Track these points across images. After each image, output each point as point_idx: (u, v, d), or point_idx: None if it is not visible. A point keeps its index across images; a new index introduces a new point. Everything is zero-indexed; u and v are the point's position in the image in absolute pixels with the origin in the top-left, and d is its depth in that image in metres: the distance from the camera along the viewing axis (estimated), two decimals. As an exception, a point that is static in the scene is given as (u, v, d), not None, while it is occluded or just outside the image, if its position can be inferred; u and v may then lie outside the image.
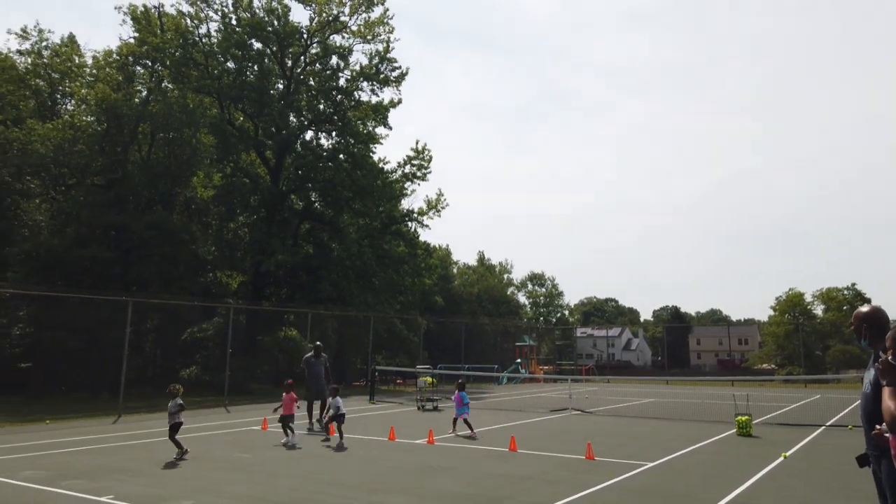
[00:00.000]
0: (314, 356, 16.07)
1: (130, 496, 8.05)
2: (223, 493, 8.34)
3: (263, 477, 9.45)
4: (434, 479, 9.32)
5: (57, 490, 8.43)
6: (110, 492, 8.27)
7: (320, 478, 9.40)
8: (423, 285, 39.73)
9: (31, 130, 28.40)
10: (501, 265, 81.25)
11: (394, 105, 36.03)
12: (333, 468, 10.20)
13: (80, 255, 27.76)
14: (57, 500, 7.97)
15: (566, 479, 9.39)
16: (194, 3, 32.31)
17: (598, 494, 8.40)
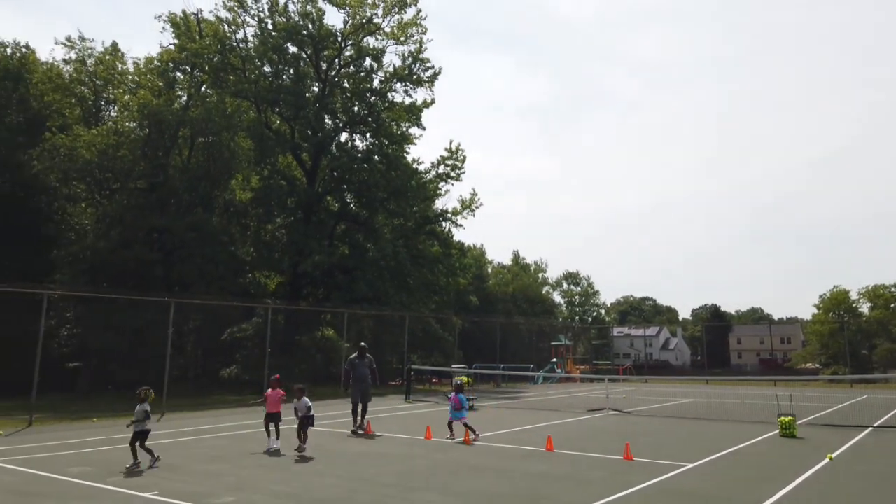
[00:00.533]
0: (358, 356, 15.32)
1: (174, 493, 8.24)
2: (263, 490, 8.49)
3: (302, 475, 9.59)
4: (470, 479, 9.34)
5: (104, 486, 8.68)
6: (155, 488, 8.49)
7: (357, 476, 9.49)
8: (457, 285, 39.78)
9: (77, 137, 29.28)
10: (536, 264, 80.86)
11: (427, 105, 36.15)
12: (370, 467, 10.29)
13: (124, 257, 28.54)
14: (104, 495, 8.21)
15: (604, 479, 9.32)
16: (232, 8, 32.92)
17: (638, 495, 8.31)
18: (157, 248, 29.96)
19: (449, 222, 36.75)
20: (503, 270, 72.23)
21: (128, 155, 29.66)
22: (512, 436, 14.14)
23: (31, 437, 13.62)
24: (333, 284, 34.21)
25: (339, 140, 35.78)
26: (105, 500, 7.96)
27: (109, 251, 28.99)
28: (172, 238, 29.75)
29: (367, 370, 15.17)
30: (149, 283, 28.83)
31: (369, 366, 15.30)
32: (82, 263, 30.06)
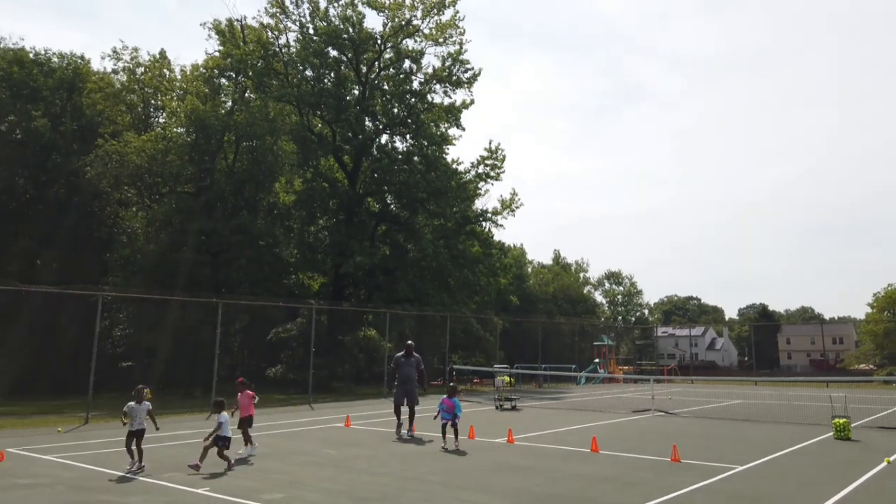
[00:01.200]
0: (404, 355, 14.55)
1: (225, 489, 8.45)
2: (312, 487, 8.64)
3: (349, 473, 9.72)
4: (515, 479, 9.33)
5: (158, 482, 8.96)
6: (207, 484, 8.72)
7: (404, 474, 9.58)
8: (498, 285, 39.71)
9: (128, 143, 30.24)
10: (577, 264, 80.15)
11: (466, 106, 36.20)
12: (416, 466, 10.37)
13: (173, 259, 29.37)
14: (159, 491, 8.48)
15: (651, 480, 9.20)
16: (274, 14, 33.53)
17: (686, 497, 8.18)
18: (205, 251, 30.71)
19: (489, 222, 36.73)
20: (544, 270, 71.79)
21: (176, 160, 30.48)
22: (555, 436, 14.07)
23: (87, 434, 14.13)
24: (375, 285, 34.54)
25: (380, 142, 36.13)
26: (160, 495, 8.21)
27: (159, 254, 29.88)
28: (219, 240, 30.45)
29: (413, 370, 14.37)
30: (197, 284, 29.58)
31: (416, 366, 14.46)
32: (134, 266, 31.05)
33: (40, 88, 32.27)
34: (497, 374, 23.55)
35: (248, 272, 31.79)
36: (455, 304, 35.49)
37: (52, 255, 33.31)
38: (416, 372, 14.39)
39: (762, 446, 12.69)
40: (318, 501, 7.89)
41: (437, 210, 35.36)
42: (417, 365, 14.50)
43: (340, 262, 32.32)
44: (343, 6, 33.97)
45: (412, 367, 14.42)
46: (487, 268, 36.32)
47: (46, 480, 8.98)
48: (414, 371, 14.38)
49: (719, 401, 25.47)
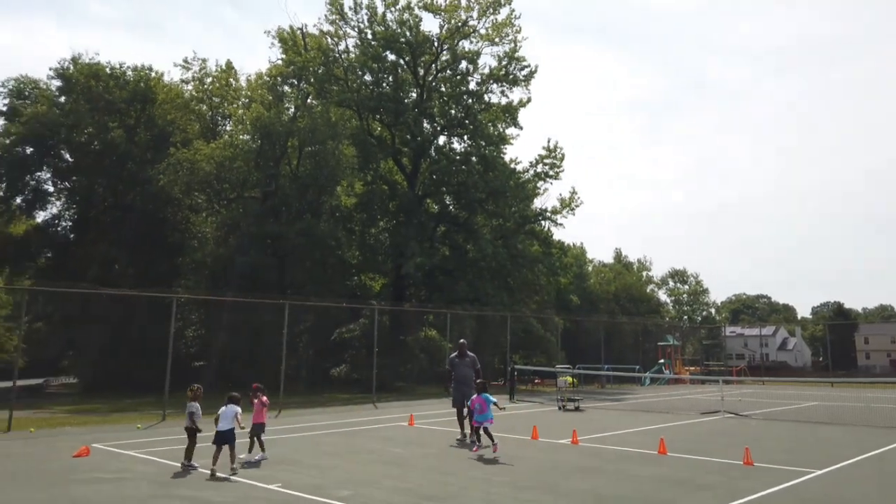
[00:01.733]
0: (459, 356, 13.98)
1: (296, 485, 8.69)
2: (378, 485, 8.80)
3: (414, 471, 9.84)
4: (580, 480, 9.25)
5: (232, 477, 9.29)
6: (278, 480, 8.99)
7: (468, 474, 9.63)
8: (558, 284, 39.35)
9: (197, 151, 31.45)
10: (640, 262, 78.47)
11: (523, 104, 36.08)
12: (481, 465, 10.41)
13: (242, 262, 30.34)
14: (232, 486, 8.80)
15: (723, 484, 8.95)
16: (334, 21, 34.29)
17: (762, 502, 7.93)
18: (271, 254, 31.62)
19: (548, 221, 36.46)
20: (605, 269, 70.64)
21: (242, 166, 31.52)
22: (621, 438, 13.85)
23: (164, 431, 14.76)
24: (435, 285, 34.80)
25: (438, 143, 36.40)
26: (234, 490, 8.52)
27: (228, 257, 30.95)
28: (284, 243, 31.30)
29: (469, 371, 13.70)
30: (264, 286, 30.47)
31: (472, 366, 13.79)
32: (204, 269, 32.27)
33: (115, 101, 33.92)
34: (559, 374, 23.33)
35: (312, 274, 32.56)
36: (515, 303, 35.39)
37: (128, 260, 34.98)
38: (472, 371, 13.76)
39: (841, 450, 12.15)
40: (385, 499, 8.02)
41: (495, 210, 35.36)
42: (473, 364, 13.87)
43: (401, 263, 32.72)
44: (400, 10, 34.39)
45: (468, 366, 13.80)
46: (547, 267, 36.07)
47: (129, 475, 9.45)
48: (470, 371, 13.74)
49: (793, 402, 24.49)
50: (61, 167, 35.66)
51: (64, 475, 9.32)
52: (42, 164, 35.18)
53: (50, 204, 36.55)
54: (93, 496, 8.04)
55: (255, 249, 30.74)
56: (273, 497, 8.08)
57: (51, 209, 36.85)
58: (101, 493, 8.19)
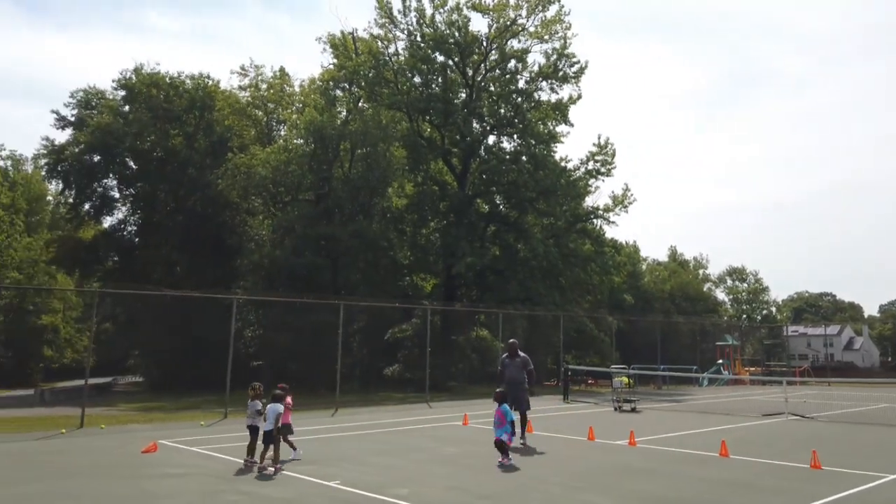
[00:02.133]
0: (509, 356, 13.31)
1: (354, 483, 8.84)
2: (434, 484, 8.87)
3: (469, 470, 9.87)
4: (638, 481, 9.12)
5: (292, 474, 9.52)
6: (338, 478, 9.16)
7: (523, 475, 9.61)
8: (611, 283, 38.77)
9: (254, 155, 32.33)
10: (696, 260, 76.60)
11: (573, 101, 35.68)
12: (536, 466, 10.36)
13: (297, 264, 31.01)
14: (293, 482, 9.02)
15: (788, 488, 8.68)
16: (383, 25, 34.60)
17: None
18: (325, 255, 32.20)
19: (600, 219, 35.96)
20: (659, 268, 69.24)
21: (297, 170, 32.21)
22: (679, 439, 13.57)
23: (226, 428, 15.21)
24: (486, 285, 34.77)
25: (488, 143, 36.35)
26: (295, 486, 8.74)
27: (284, 259, 31.64)
28: (338, 245, 31.83)
29: (520, 372, 13.03)
30: (319, 287, 31.05)
31: (523, 367, 13.10)
32: (261, 270, 33.09)
33: (175, 109, 35.21)
34: (615, 374, 22.99)
35: (364, 275, 33.01)
36: (567, 303, 35.05)
37: (189, 262, 36.21)
38: (523, 373, 13.04)
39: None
40: (442, 498, 8.09)
41: (546, 209, 35.09)
42: (525, 365, 13.11)
43: (452, 263, 32.81)
44: (448, 11, 34.47)
45: (518, 367, 13.08)
46: (600, 266, 35.57)
47: (194, 470, 9.79)
48: (521, 372, 13.02)
49: (861, 405, 23.48)
50: (126, 174, 37.22)
51: (134, 470, 9.73)
52: (108, 172, 36.81)
53: (116, 209, 38.25)
54: (161, 490, 8.37)
55: (310, 251, 31.34)
56: (333, 494, 8.24)
57: (117, 214, 38.58)
58: (168, 488, 8.52)
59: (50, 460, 10.77)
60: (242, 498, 8.03)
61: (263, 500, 7.97)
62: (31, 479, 9.04)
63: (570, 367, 27.24)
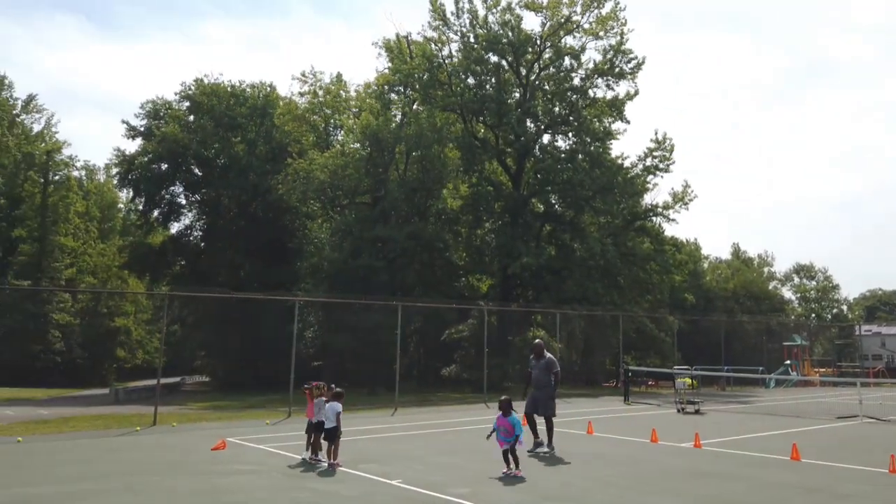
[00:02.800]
0: (535, 357, 12.30)
1: (416, 481, 8.90)
2: (495, 484, 8.87)
3: (530, 471, 9.80)
4: (707, 484, 8.90)
5: (354, 471, 9.67)
6: (398, 476, 9.26)
7: (587, 476, 9.51)
8: (672, 282, 37.90)
9: (312, 160, 33.04)
10: (760, 257, 74.11)
11: (630, 98, 35.08)
12: (599, 468, 10.23)
13: (355, 266, 31.55)
14: (356, 480, 9.16)
15: (867, 494, 8.31)
16: (437, 27, 34.82)
17: (913, 515, 7.31)
18: (382, 257, 32.63)
19: (660, 217, 35.23)
20: (722, 266, 67.28)
21: (354, 173, 32.78)
22: (748, 442, 13.16)
23: (291, 427, 15.57)
24: (542, 285, 34.54)
25: (542, 142, 36.12)
26: (358, 484, 8.87)
27: (342, 261, 32.25)
28: (394, 246, 32.22)
29: (545, 374, 11.91)
30: (376, 288, 31.50)
31: (550, 369, 11.97)
32: (320, 273, 33.80)
33: (237, 117, 36.35)
34: (677, 375, 22.46)
35: (421, 276, 33.28)
36: (626, 303, 34.47)
37: (252, 265, 37.32)
38: (549, 375, 11.90)
39: None
40: (504, 497, 8.08)
41: (603, 207, 34.61)
42: (550, 367, 11.98)
43: (507, 263, 32.72)
44: (501, 11, 34.44)
45: (544, 370, 11.95)
46: (660, 265, 34.85)
47: (262, 467, 10.07)
48: (547, 375, 11.91)
49: (945, 409, 22.24)
50: (192, 181, 38.69)
51: (205, 466, 10.09)
52: (175, 179, 38.36)
53: (183, 215, 39.82)
54: (231, 486, 8.64)
55: (367, 253, 31.82)
56: (396, 492, 8.34)
57: (183, 220, 40.15)
58: (238, 484, 8.80)
59: (125, 457, 11.28)
60: (310, 495, 8.22)
61: (331, 496, 8.14)
62: (108, 474, 9.48)
63: (629, 367, 26.77)
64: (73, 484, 8.73)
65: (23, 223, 47.70)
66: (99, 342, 52.08)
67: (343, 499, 8.04)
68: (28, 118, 52.89)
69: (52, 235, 47.91)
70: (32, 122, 53.08)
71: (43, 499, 7.91)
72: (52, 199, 48.46)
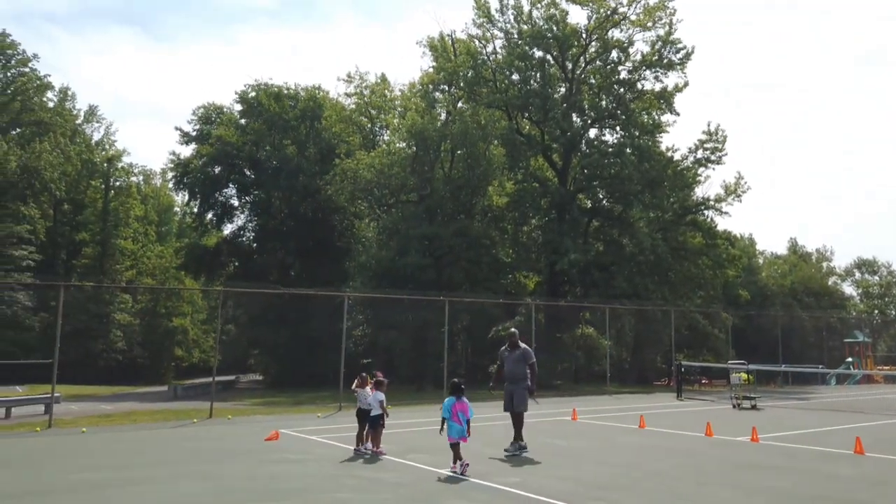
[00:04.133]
0: (509, 348, 11.32)
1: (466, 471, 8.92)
2: (546, 474, 8.83)
3: (582, 462, 9.76)
4: (765, 477, 8.65)
5: (401, 460, 9.78)
6: (448, 466, 9.28)
7: (640, 467, 9.37)
8: (725, 277, 36.91)
9: (359, 161, 33.46)
10: (818, 252, 71.44)
11: (679, 89, 34.32)
12: (651, 460, 10.07)
13: (402, 264, 31.77)
14: (402, 468, 9.28)
15: (937, 488, 7.95)
16: (481, 25, 34.77)
17: None
18: (428, 254, 32.77)
19: (712, 210, 34.37)
20: (778, 261, 65.16)
21: (400, 172, 33.04)
22: (807, 437, 12.74)
23: (341, 420, 15.83)
24: (591, 281, 34.11)
25: (589, 137, 35.65)
26: (404, 472, 8.97)
27: (390, 259, 32.52)
28: (441, 244, 32.32)
29: (520, 367, 11.00)
30: (423, 286, 31.67)
31: (526, 360, 11.03)
32: (368, 271, 34.20)
33: (289, 119, 37.11)
34: (733, 370, 21.89)
35: (467, 273, 33.31)
36: (677, 298, 33.75)
37: (303, 265, 38.03)
38: (524, 367, 11.03)
39: None
40: (553, 487, 8.04)
41: (653, 201, 33.96)
42: (526, 358, 11.06)
43: (555, 260, 32.42)
44: (546, 6, 34.16)
45: (518, 361, 11.03)
46: (713, 259, 34.00)
47: (311, 456, 10.30)
48: (522, 367, 11.02)
49: None
50: (244, 183, 39.69)
51: (258, 455, 10.37)
52: (228, 182, 39.41)
53: (236, 217, 40.88)
54: (283, 473, 8.86)
55: (414, 251, 32.01)
56: (445, 480, 8.40)
57: (237, 222, 41.21)
58: (289, 472, 9.01)
59: (184, 445, 11.68)
60: (360, 482, 8.35)
61: (380, 483, 8.25)
62: (166, 461, 9.87)
63: (683, 363, 26.23)
64: (132, 470, 9.12)
65: (86, 227, 49.88)
66: (157, 341, 53.95)
67: (388, 485, 8.14)
68: (88, 127, 55.31)
69: (113, 239, 49.97)
70: (92, 130, 55.53)
71: (106, 483, 8.26)
72: (113, 205, 50.53)
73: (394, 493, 7.73)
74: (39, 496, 7.56)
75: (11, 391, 29.01)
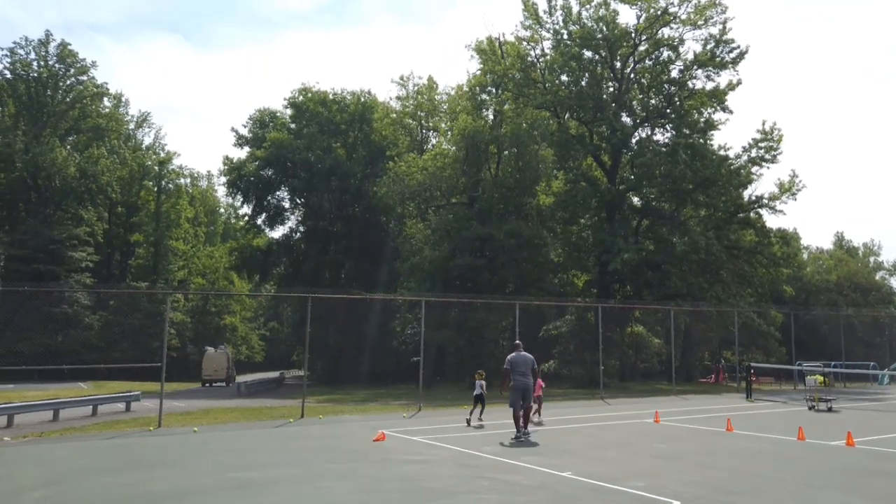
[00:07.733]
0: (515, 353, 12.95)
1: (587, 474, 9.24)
2: (669, 477, 9.12)
3: (693, 466, 10.00)
4: (880, 483, 8.89)
5: (523, 464, 10.07)
6: (567, 469, 9.63)
7: (750, 471, 9.59)
8: (779, 275, 36.73)
9: (409, 163, 34.02)
10: (866, 247, 70.28)
11: (733, 87, 34.21)
12: (758, 464, 10.31)
13: (455, 265, 32.29)
14: (526, 472, 9.60)
15: None
16: (529, 26, 35.00)
17: None
18: (481, 255, 33.21)
19: (766, 208, 34.23)
20: (823, 256, 64.31)
21: (451, 174, 33.50)
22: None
23: (427, 420, 16.27)
24: (642, 281, 34.21)
25: (639, 136, 35.70)
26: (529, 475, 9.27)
27: (442, 260, 33.07)
28: (493, 244, 32.75)
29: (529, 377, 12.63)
30: (477, 286, 32.12)
31: (531, 364, 12.74)
32: (420, 272, 34.80)
33: (338, 123, 37.83)
34: (808, 373, 21.96)
35: (520, 273, 33.69)
36: (729, 297, 33.72)
37: (353, 266, 38.75)
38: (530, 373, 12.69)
39: None
40: (681, 490, 8.32)
41: (706, 200, 33.94)
42: (531, 364, 12.78)
43: (606, 259, 32.59)
44: (595, 6, 34.27)
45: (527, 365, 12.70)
46: (767, 258, 33.88)
47: (430, 457, 10.67)
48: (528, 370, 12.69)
49: None
50: (296, 185, 40.53)
51: (382, 455, 10.79)
52: (280, 184, 40.31)
53: (287, 219, 41.77)
54: (415, 474, 9.22)
55: (466, 252, 32.46)
56: (575, 483, 8.74)
57: (288, 223, 42.10)
58: (420, 473, 9.36)
59: (299, 445, 12.24)
60: (494, 483, 8.72)
61: (512, 485, 8.62)
62: (301, 462, 10.32)
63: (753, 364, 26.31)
64: (269, 469, 9.56)
65: (139, 229, 51.26)
66: (209, 339, 55.26)
67: (525, 488, 8.47)
68: (140, 132, 56.80)
69: (166, 240, 51.25)
70: (143, 135, 57.01)
71: (254, 482, 8.70)
72: (165, 207, 51.82)
73: (533, 495, 8.09)
74: (200, 494, 8.07)
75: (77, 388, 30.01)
